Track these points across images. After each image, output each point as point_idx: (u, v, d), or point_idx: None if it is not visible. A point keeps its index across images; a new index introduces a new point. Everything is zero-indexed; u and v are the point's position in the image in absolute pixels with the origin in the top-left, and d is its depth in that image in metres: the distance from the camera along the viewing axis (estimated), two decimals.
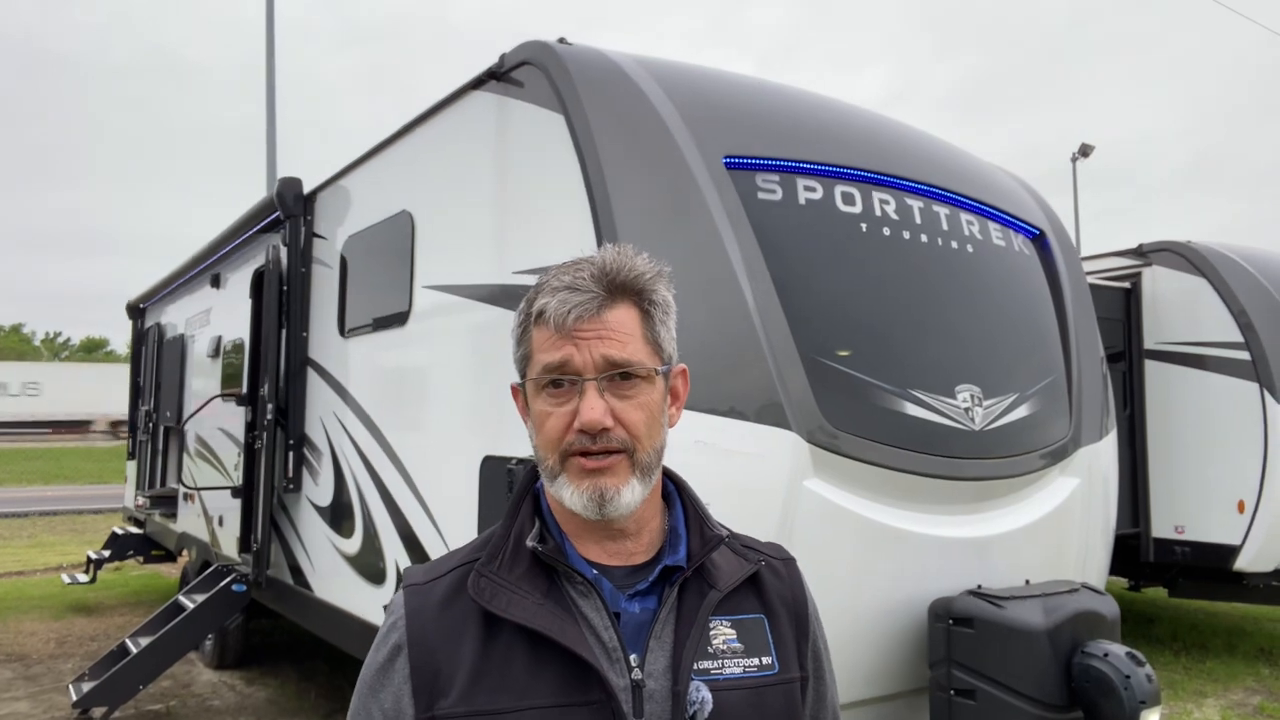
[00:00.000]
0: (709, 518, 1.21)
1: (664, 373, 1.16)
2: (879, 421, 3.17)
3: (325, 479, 5.11)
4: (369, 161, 4.89)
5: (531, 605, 1.08)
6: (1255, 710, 6.35)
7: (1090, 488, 3.84)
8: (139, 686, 5.74)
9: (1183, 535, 7.35)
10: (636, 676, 1.07)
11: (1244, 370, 7.01)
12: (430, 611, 1.12)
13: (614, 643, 1.08)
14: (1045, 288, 4.07)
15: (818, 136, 3.53)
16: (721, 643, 1.12)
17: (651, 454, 1.13)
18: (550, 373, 1.11)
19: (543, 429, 1.12)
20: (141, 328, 10.52)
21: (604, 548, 1.15)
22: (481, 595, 1.09)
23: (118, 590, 10.66)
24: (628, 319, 1.13)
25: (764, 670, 1.13)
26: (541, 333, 1.13)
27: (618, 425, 1.10)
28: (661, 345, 1.16)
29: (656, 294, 1.16)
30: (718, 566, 1.16)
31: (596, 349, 1.10)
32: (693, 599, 1.13)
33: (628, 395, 1.11)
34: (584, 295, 1.11)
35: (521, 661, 1.07)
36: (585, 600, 1.10)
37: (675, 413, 1.21)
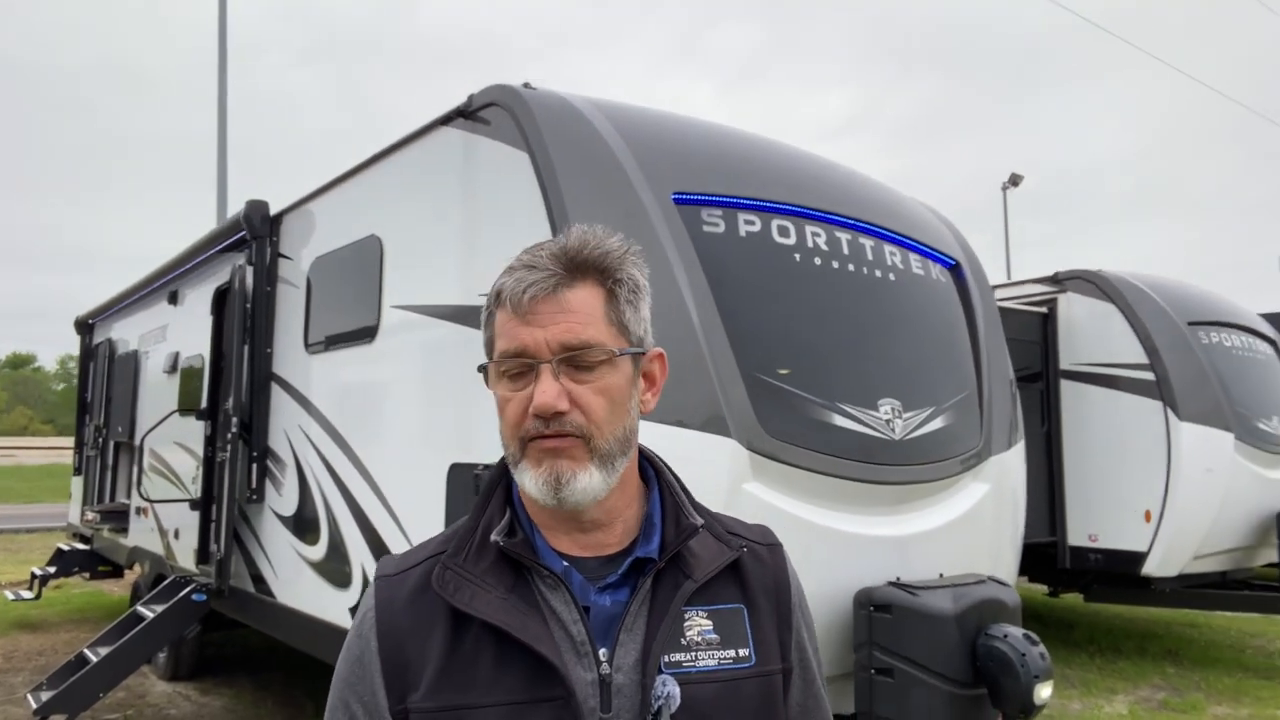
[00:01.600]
0: (685, 505, 1.17)
1: (630, 354, 1.12)
2: (810, 431, 3.55)
3: (289, 489, 5.33)
4: (337, 187, 5.16)
5: (495, 600, 1.07)
6: (1160, 705, 6.86)
7: (1000, 492, 4.27)
8: (99, 694, 5.85)
9: (1096, 543, 7.88)
10: (604, 670, 1.05)
11: (1149, 390, 7.58)
12: (400, 604, 1.10)
13: (582, 636, 1.06)
14: (960, 313, 4.52)
15: (757, 175, 3.93)
16: (696, 634, 1.09)
17: (612, 441, 1.08)
18: (506, 358, 1.09)
19: (503, 414, 1.10)
20: (90, 343, 10.53)
21: (575, 539, 1.12)
22: (445, 589, 1.08)
23: (60, 607, 10.59)
24: (588, 298, 1.09)
25: (739, 662, 1.10)
26: (501, 315, 1.10)
27: (574, 409, 1.06)
28: (628, 327, 1.11)
29: (622, 273, 1.11)
30: (695, 555, 1.12)
31: (552, 332, 1.06)
32: (667, 589, 1.10)
33: (586, 379, 1.07)
34: (541, 274, 1.08)
35: (489, 656, 1.05)
36: (554, 594, 1.08)
37: (650, 399, 1.17)
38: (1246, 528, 7.78)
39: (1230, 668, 7.88)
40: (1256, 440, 7.76)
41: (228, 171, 15.25)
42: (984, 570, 4.02)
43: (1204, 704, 6.79)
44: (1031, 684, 3.17)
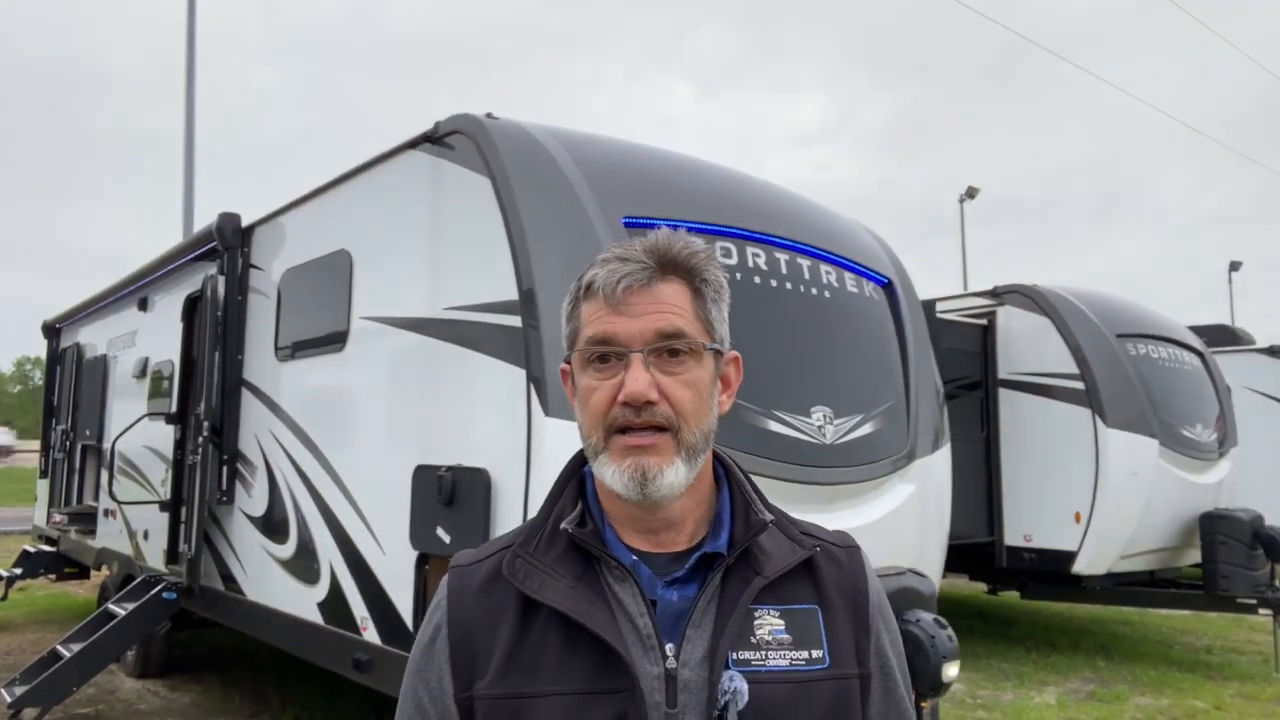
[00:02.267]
0: (755, 501, 1.16)
1: (715, 351, 1.13)
2: (747, 436, 3.88)
3: (259, 491, 5.57)
4: (308, 203, 5.43)
5: (563, 588, 1.07)
6: (1088, 695, 7.28)
7: (925, 492, 4.64)
8: (72, 689, 6.05)
9: (1030, 543, 8.32)
10: (671, 665, 1.04)
11: (1079, 398, 8.04)
12: (471, 593, 1.12)
13: (649, 630, 1.05)
14: (891, 327, 4.88)
15: (702, 199, 4.26)
16: (767, 633, 1.08)
17: (698, 435, 1.09)
18: (596, 345, 1.09)
19: (587, 404, 1.10)
20: (58, 348, 10.64)
21: (645, 537, 1.12)
22: (515, 576, 1.09)
23: (25, 609, 10.66)
24: (679, 294, 1.10)
25: (813, 664, 1.07)
26: (590, 305, 1.11)
27: (663, 400, 1.06)
28: (713, 324, 1.13)
29: (709, 273, 1.13)
30: (765, 552, 1.12)
31: (645, 321, 1.07)
32: (736, 586, 1.09)
33: (675, 371, 1.08)
34: (634, 266, 1.09)
35: (556, 645, 1.06)
36: (621, 586, 1.08)
37: (726, 400, 1.18)
38: (1171, 529, 8.27)
39: (1157, 662, 8.34)
40: (1181, 446, 8.25)
41: (194, 172, 15.31)
42: (910, 563, 4.38)
43: (1128, 694, 7.23)
44: (940, 663, 3.52)
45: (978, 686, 7.46)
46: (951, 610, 10.57)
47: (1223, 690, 7.35)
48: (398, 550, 4.12)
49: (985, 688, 7.44)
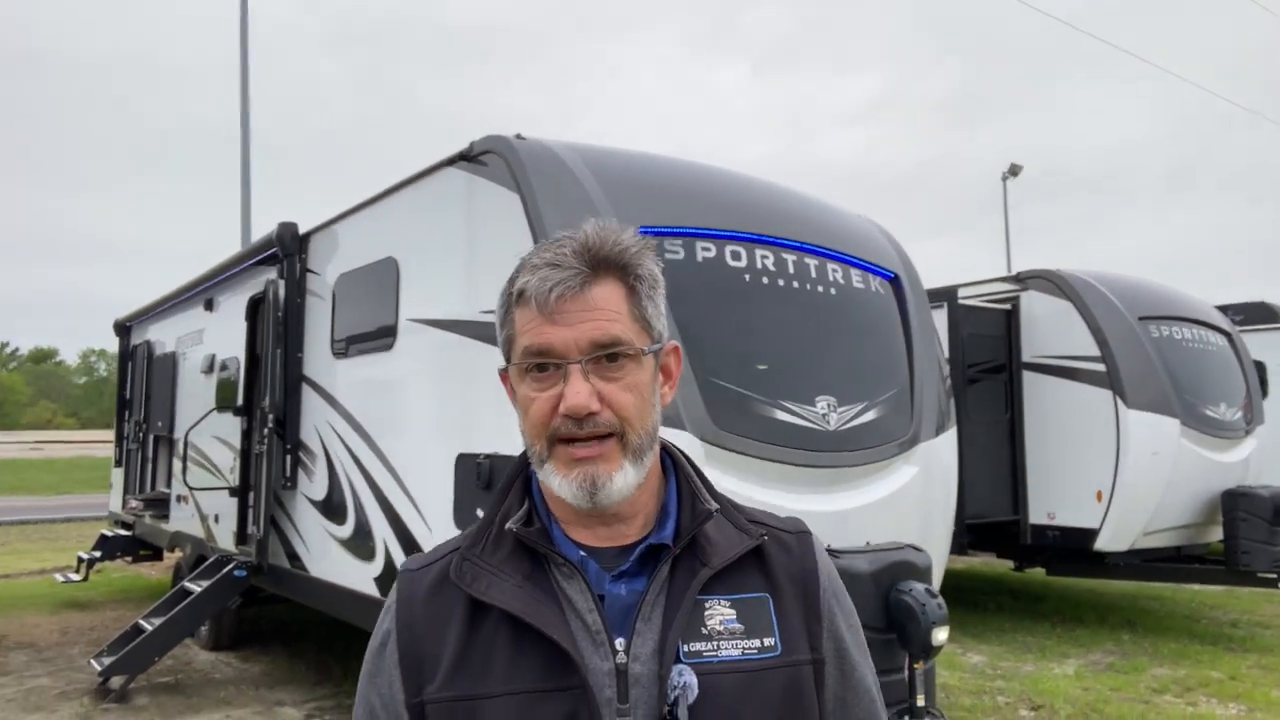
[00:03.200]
0: (701, 491, 1.16)
1: (654, 351, 1.12)
2: (756, 424, 4.27)
3: (320, 477, 6.09)
4: (358, 213, 5.90)
5: (511, 588, 1.07)
6: (1107, 667, 7.55)
7: (929, 473, 4.98)
8: (154, 659, 6.67)
9: (1054, 521, 8.57)
10: (621, 660, 1.04)
11: (1101, 380, 8.25)
12: (419, 598, 1.12)
13: (598, 625, 1.05)
14: (897, 319, 5.21)
15: (713, 207, 4.64)
16: (719, 623, 1.08)
17: (643, 436, 1.09)
18: (532, 357, 1.07)
19: (528, 413, 1.09)
20: (129, 345, 11.35)
21: (595, 532, 1.12)
22: (463, 579, 1.09)
23: (103, 589, 11.44)
24: (613, 296, 1.08)
25: (765, 652, 1.08)
26: (523, 314, 1.09)
27: (605, 408, 1.06)
28: (650, 322, 1.11)
29: (642, 268, 1.11)
30: (712, 542, 1.11)
31: (580, 331, 1.05)
32: (683, 577, 1.09)
33: (615, 377, 1.07)
34: (566, 272, 1.06)
35: (505, 646, 1.05)
36: (570, 583, 1.08)
37: (668, 392, 1.17)
38: (1195, 506, 8.45)
39: (1180, 635, 8.55)
40: (1203, 426, 8.42)
41: (251, 168, 15.93)
42: (913, 539, 4.73)
43: (1147, 665, 7.48)
44: (930, 628, 3.88)
45: (999, 659, 7.77)
46: (981, 587, 10.90)
47: (1241, 662, 7.57)
48: (443, 529, 4.58)
49: (1007, 660, 7.75)
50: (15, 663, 7.70)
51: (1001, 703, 6.52)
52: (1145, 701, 6.52)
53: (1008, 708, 6.42)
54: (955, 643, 8.34)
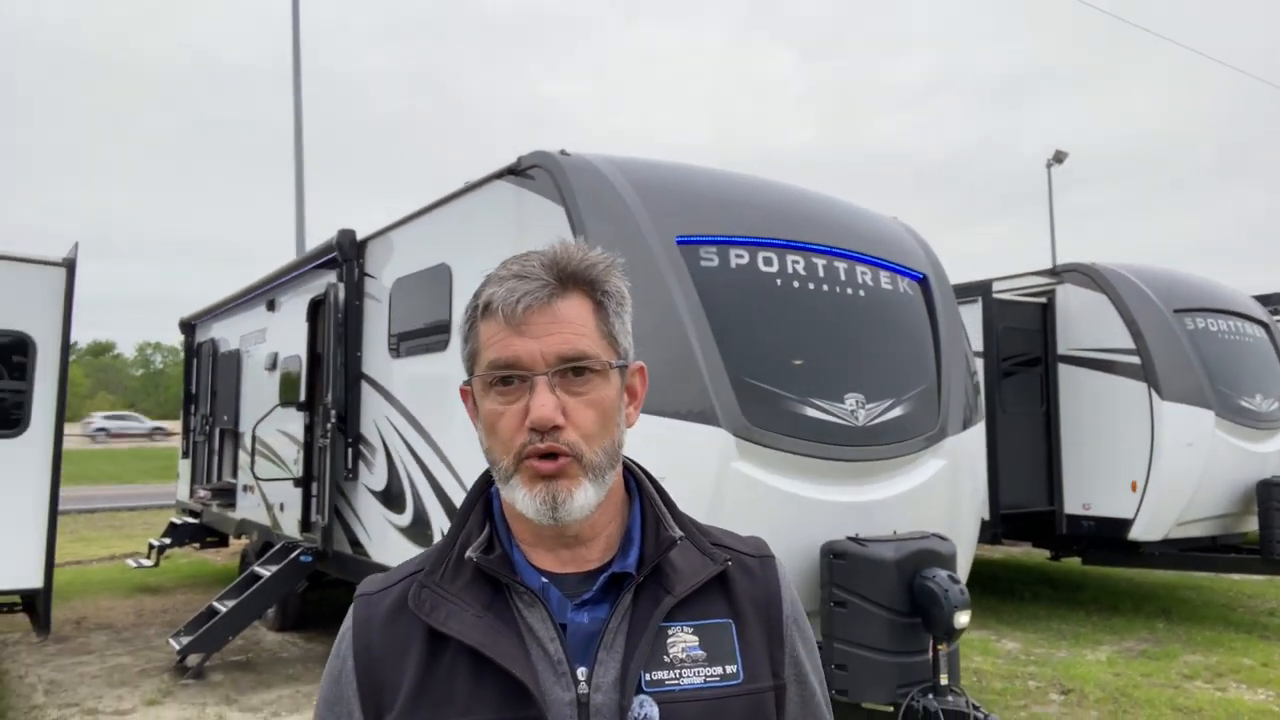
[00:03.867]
0: (666, 516, 1.15)
1: (619, 368, 1.11)
2: (786, 421, 4.55)
3: (379, 469, 6.49)
4: (412, 221, 6.27)
5: (470, 618, 1.05)
6: (1140, 654, 7.70)
7: (955, 466, 5.22)
8: (228, 638, 7.14)
9: (1089, 511, 8.72)
10: (583, 690, 1.03)
11: (1136, 373, 8.37)
12: (377, 623, 1.10)
13: (560, 655, 1.04)
14: (925, 319, 5.44)
15: (748, 215, 4.91)
16: (681, 651, 1.07)
17: (601, 455, 1.07)
18: (498, 369, 1.06)
19: (494, 430, 1.08)
20: (193, 342, 11.91)
21: (557, 555, 1.10)
22: (421, 608, 1.07)
23: (172, 575, 12.05)
24: (580, 310, 1.07)
25: (727, 679, 1.07)
26: (489, 326, 1.07)
27: (568, 425, 1.05)
28: (616, 339, 1.11)
29: (609, 284, 1.11)
30: (676, 569, 1.10)
31: (547, 343, 1.04)
32: (646, 605, 1.08)
33: (580, 391, 1.06)
34: (533, 284, 1.06)
35: (465, 676, 1.04)
36: (531, 611, 1.06)
37: (633, 412, 1.16)
38: (1230, 496, 8.54)
39: (1216, 624, 8.66)
40: (1239, 417, 8.50)
41: (304, 167, 16.45)
42: (941, 528, 4.98)
43: (1180, 652, 7.62)
44: (953, 613, 4.14)
45: (1034, 645, 7.96)
46: (1019, 577, 11.05)
47: (1274, 650, 7.67)
48: None
49: (1041, 646, 7.93)
50: (96, 642, 8.24)
51: (1032, 687, 6.73)
52: (1175, 687, 6.69)
53: (1038, 691, 6.63)
54: (990, 629, 8.54)
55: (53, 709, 6.23)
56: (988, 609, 9.42)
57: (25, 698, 6.50)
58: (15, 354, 5.69)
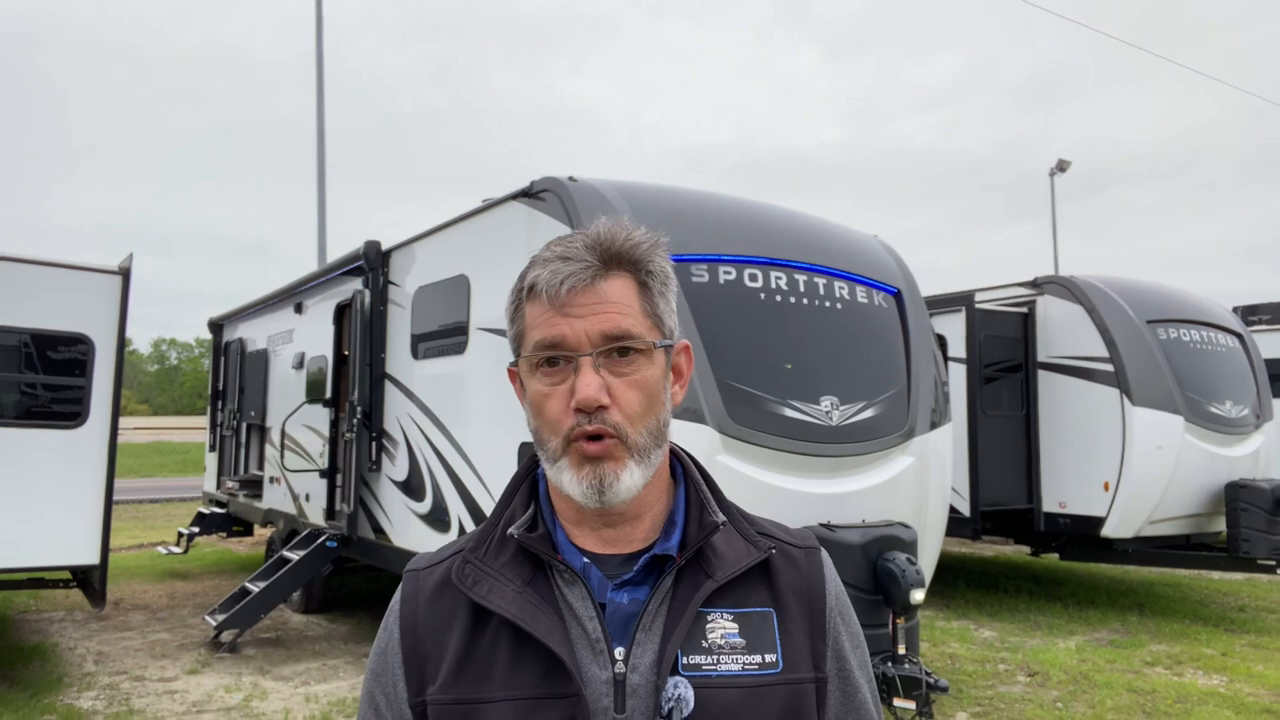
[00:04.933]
0: (710, 501, 1.15)
1: (664, 347, 1.11)
2: (767, 420, 5.10)
3: (401, 461, 7.08)
4: (433, 235, 6.85)
5: (511, 593, 1.06)
6: (1109, 643, 8.21)
7: (924, 463, 5.76)
8: (259, 616, 7.75)
9: (1065, 509, 9.24)
10: (619, 670, 1.03)
11: (1109, 379, 8.89)
12: (423, 598, 1.13)
13: (598, 634, 1.04)
14: (899, 329, 5.99)
15: (735, 235, 5.47)
16: (720, 637, 1.06)
17: (646, 436, 1.07)
18: (543, 350, 1.06)
19: (542, 411, 1.08)
20: (221, 341, 12.54)
21: (600, 535, 1.11)
22: (464, 582, 1.09)
23: (198, 562, 12.69)
24: (624, 290, 1.08)
25: (766, 669, 1.06)
26: (534, 307, 1.08)
27: (613, 405, 1.05)
28: (661, 318, 1.11)
29: (654, 264, 1.11)
30: (719, 554, 1.10)
31: (591, 323, 1.04)
32: (687, 589, 1.07)
33: (625, 371, 1.06)
34: (577, 265, 1.06)
35: (505, 651, 1.05)
36: (571, 590, 1.07)
37: (679, 390, 1.17)
38: (1200, 497, 9.05)
39: (1187, 618, 9.16)
40: (1208, 422, 9.01)
41: (325, 168, 17.10)
42: (909, 517, 5.53)
43: (1146, 643, 8.14)
44: (909, 590, 4.69)
45: (1009, 634, 8.49)
46: (1005, 573, 11.57)
47: (1236, 641, 8.18)
48: None
49: (1016, 635, 8.46)
50: (135, 621, 8.87)
51: (1002, 670, 7.27)
52: (1135, 672, 7.21)
53: (1006, 674, 7.16)
54: (971, 620, 9.08)
55: (104, 676, 6.84)
56: (971, 601, 9.96)
57: (77, 666, 7.12)
58: (76, 353, 6.30)
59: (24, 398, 6.22)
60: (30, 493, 6.11)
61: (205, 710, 6.10)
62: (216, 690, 6.53)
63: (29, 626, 8.56)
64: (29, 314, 6.07)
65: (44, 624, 8.67)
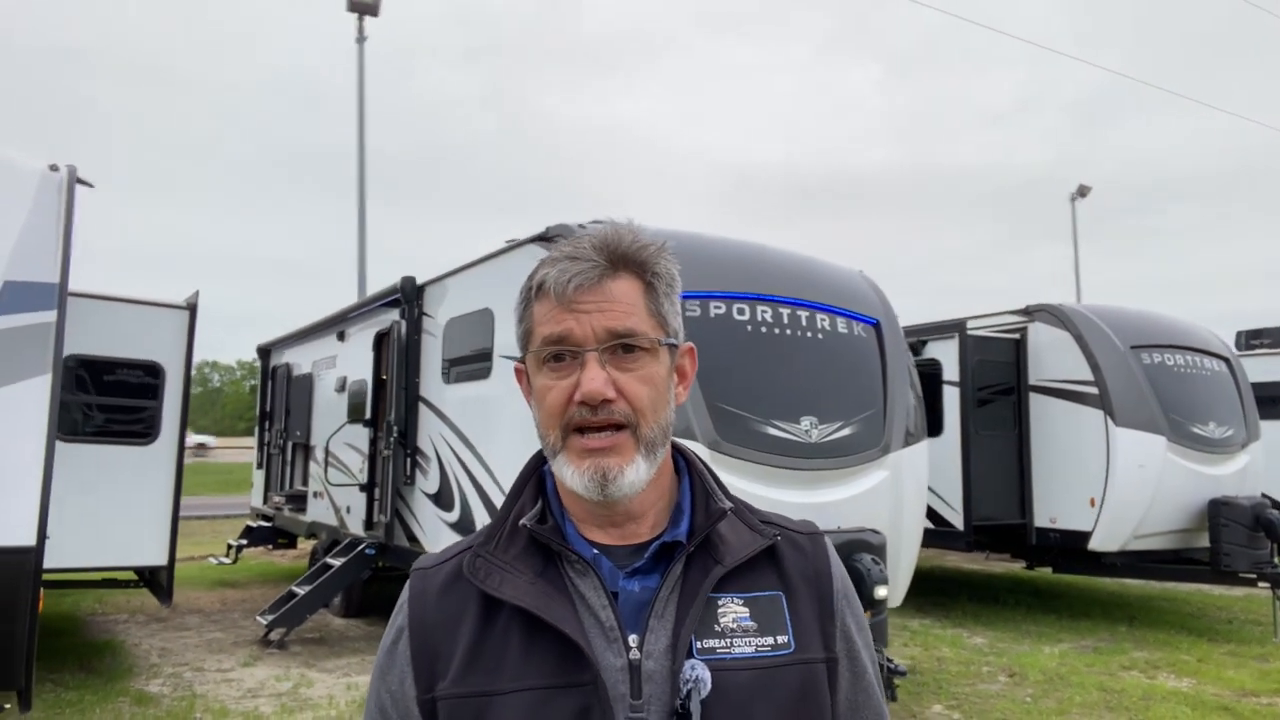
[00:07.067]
0: (715, 491, 1.17)
1: (669, 345, 1.14)
2: (752, 437, 5.79)
3: (433, 475, 7.85)
4: (463, 272, 7.65)
5: (524, 584, 1.08)
6: (1092, 650, 8.73)
7: (898, 477, 6.41)
8: (305, 616, 8.54)
9: (1055, 524, 9.79)
10: (634, 656, 1.04)
11: (1094, 401, 9.46)
12: (432, 595, 1.13)
13: (611, 622, 1.06)
14: (877, 356, 6.66)
15: (725, 273, 6.19)
16: (732, 620, 1.08)
17: (656, 430, 1.10)
18: (550, 345, 1.09)
19: (544, 403, 1.11)
20: (269, 365, 13.46)
21: (607, 531, 1.13)
22: (476, 575, 1.10)
23: (245, 572, 13.53)
24: (630, 290, 1.11)
25: (779, 649, 1.08)
26: (542, 305, 1.12)
27: (620, 398, 1.07)
28: (666, 319, 1.14)
29: (659, 266, 1.14)
30: (725, 541, 1.12)
31: (597, 320, 1.08)
32: (697, 575, 1.09)
33: (631, 368, 1.09)
34: (585, 264, 1.09)
35: (517, 642, 1.06)
36: (583, 579, 1.09)
37: (682, 391, 1.19)
38: (1185, 513, 9.55)
39: (1173, 629, 9.63)
40: (1191, 442, 9.53)
41: (366, 200, 18.08)
42: (884, 525, 6.18)
43: (1129, 650, 8.65)
44: (873, 586, 5.35)
45: (999, 641, 9.04)
46: (1007, 586, 12.07)
47: (1215, 649, 8.66)
48: None
49: (1005, 642, 9.01)
50: (191, 622, 9.70)
51: (984, 671, 7.84)
52: (1110, 674, 7.75)
53: (988, 674, 7.74)
54: (965, 628, 9.63)
55: (168, 667, 7.66)
56: (969, 613, 10.50)
57: (144, 659, 7.95)
58: (149, 378, 7.16)
59: (105, 418, 7.10)
60: (110, 502, 6.97)
61: (259, 695, 6.88)
62: (268, 679, 7.31)
63: (98, 627, 9.42)
64: (111, 345, 6.95)
65: (110, 625, 9.53)
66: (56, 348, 4.28)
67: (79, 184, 4.71)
